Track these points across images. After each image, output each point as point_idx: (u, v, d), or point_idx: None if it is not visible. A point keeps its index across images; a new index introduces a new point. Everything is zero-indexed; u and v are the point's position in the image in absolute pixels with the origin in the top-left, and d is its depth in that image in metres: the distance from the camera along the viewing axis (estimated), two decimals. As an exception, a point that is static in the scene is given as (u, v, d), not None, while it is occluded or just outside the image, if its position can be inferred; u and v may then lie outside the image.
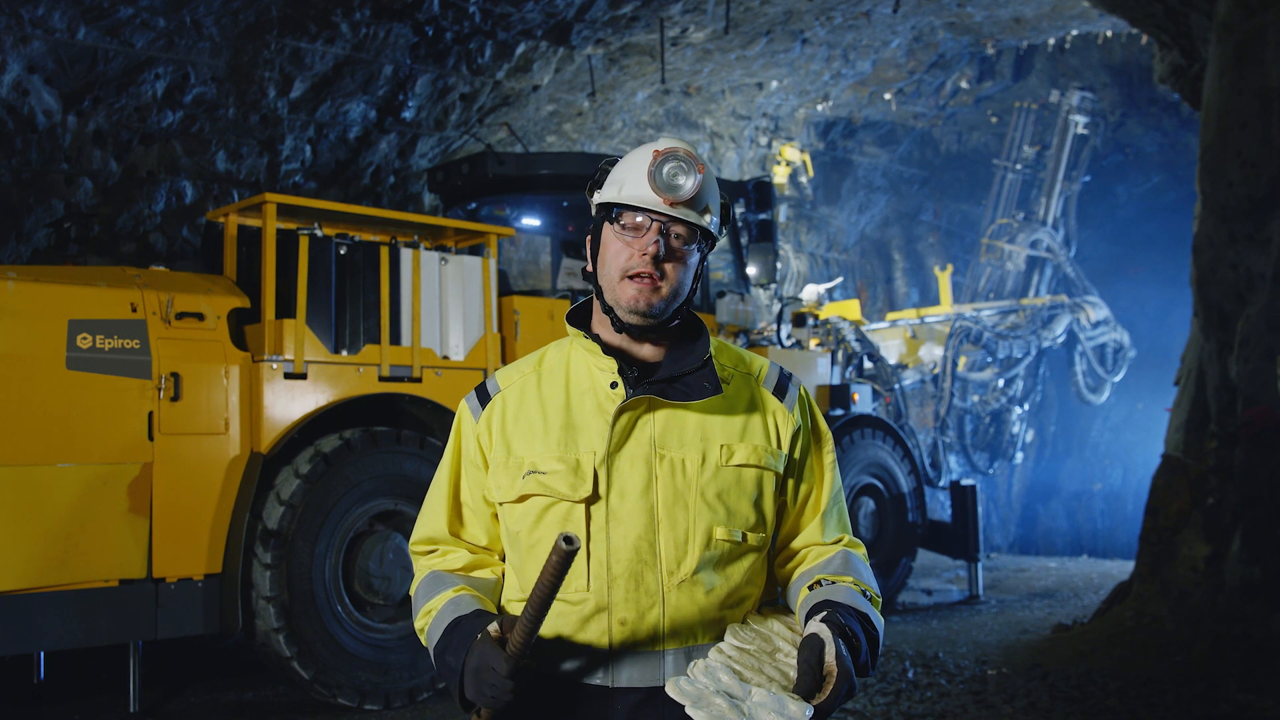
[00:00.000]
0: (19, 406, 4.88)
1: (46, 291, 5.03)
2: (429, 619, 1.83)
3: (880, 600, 1.85)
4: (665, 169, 1.75)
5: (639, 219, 1.78)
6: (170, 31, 7.59)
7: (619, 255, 1.78)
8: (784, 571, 1.91)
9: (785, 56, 12.36)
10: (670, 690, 1.62)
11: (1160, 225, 17.12)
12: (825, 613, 1.69)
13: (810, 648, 1.63)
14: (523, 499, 1.79)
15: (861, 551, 1.91)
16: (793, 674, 1.68)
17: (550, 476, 1.76)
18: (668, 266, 1.77)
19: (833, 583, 1.80)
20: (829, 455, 1.91)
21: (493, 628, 1.68)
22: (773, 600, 1.93)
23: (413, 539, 1.96)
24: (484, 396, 1.89)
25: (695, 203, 1.78)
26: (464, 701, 1.73)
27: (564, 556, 1.56)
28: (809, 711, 1.59)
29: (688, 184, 1.75)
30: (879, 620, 1.79)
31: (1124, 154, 17.29)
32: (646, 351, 1.84)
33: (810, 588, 1.81)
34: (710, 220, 1.82)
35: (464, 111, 10.24)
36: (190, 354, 5.36)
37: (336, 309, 5.88)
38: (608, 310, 1.81)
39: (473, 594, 1.83)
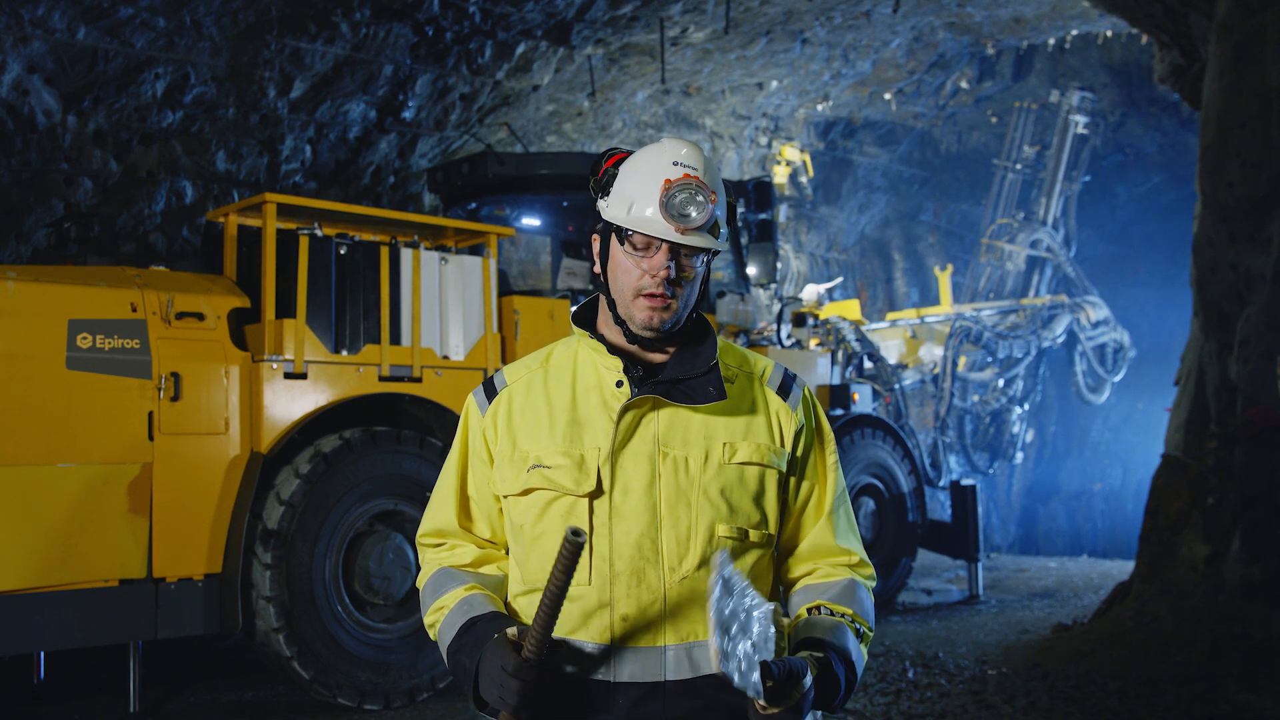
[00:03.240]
0: (19, 406, 4.88)
1: (46, 291, 5.03)
2: (440, 615, 1.85)
3: (872, 635, 1.88)
4: (677, 199, 1.76)
5: (649, 238, 1.80)
6: (170, 31, 7.59)
7: (630, 273, 1.80)
8: (791, 575, 1.93)
9: (785, 56, 12.36)
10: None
11: (1160, 225, 17.11)
12: (821, 655, 1.72)
13: (794, 667, 1.67)
14: (527, 492, 1.82)
15: (868, 574, 1.92)
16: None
17: (555, 471, 1.79)
18: (678, 287, 1.80)
19: (831, 612, 1.82)
20: (831, 455, 1.92)
21: (511, 631, 1.70)
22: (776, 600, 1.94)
23: (420, 531, 1.98)
24: (491, 391, 1.92)
25: (704, 224, 1.79)
26: (479, 701, 1.75)
27: (573, 549, 1.58)
28: (755, 685, 1.59)
29: (700, 215, 1.77)
30: (861, 661, 1.82)
31: (1124, 154, 17.29)
32: (654, 353, 1.87)
33: (810, 610, 1.84)
34: (720, 236, 1.84)
35: (464, 111, 10.24)
36: (190, 354, 5.36)
37: (336, 309, 5.88)
38: (619, 322, 1.84)
39: (484, 593, 1.86)
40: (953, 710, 5.47)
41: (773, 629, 1.62)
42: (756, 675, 1.58)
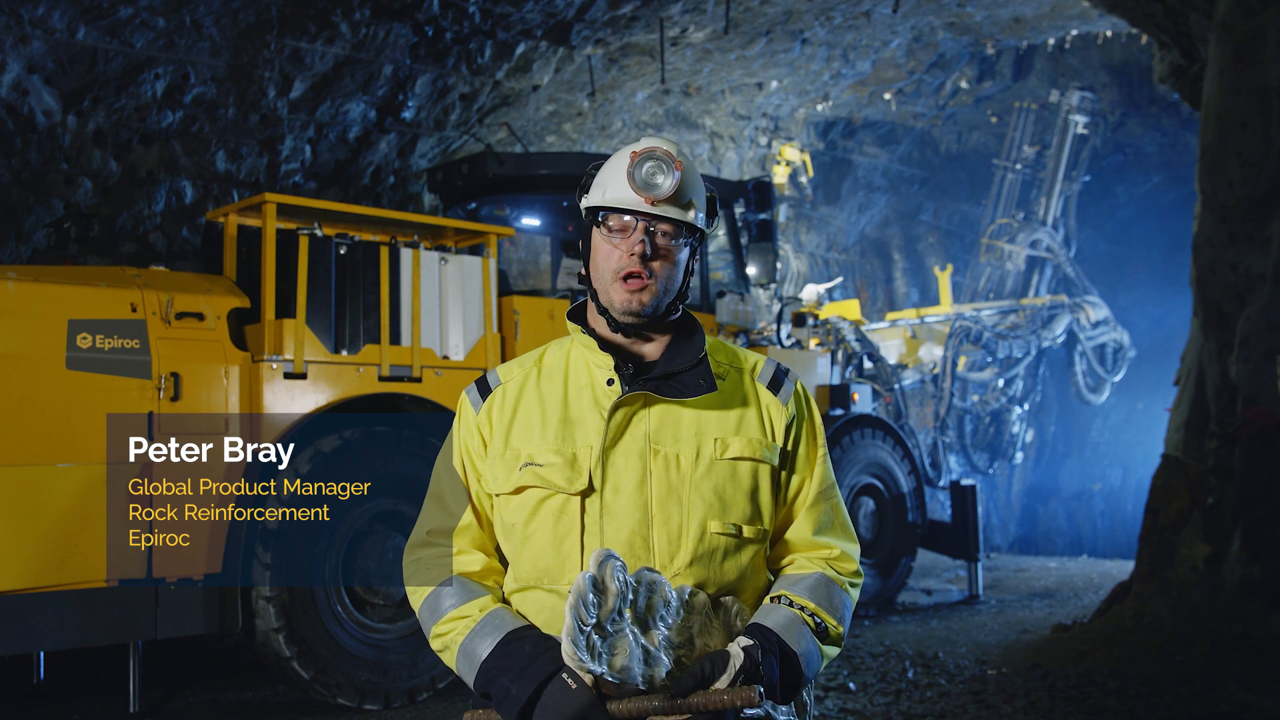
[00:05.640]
0: (19, 406, 4.88)
1: (46, 291, 5.04)
2: (460, 624, 1.81)
3: (841, 630, 1.84)
4: (643, 169, 1.80)
5: (625, 219, 1.82)
6: (170, 31, 7.59)
7: (608, 257, 1.82)
8: (773, 566, 1.92)
9: (785, 56, 12.36)
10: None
11: (1160, 225, 17.11)
12: (751, 642, 1.71)
13: (714, 662, 1.67)
14: (519, 491, 1.81)
15: (848, 569, 1.89)
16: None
17: (547, 469, 1.79)
18: (655, 265, 1.81)
19: (791, 603, 1.81)
20: (821, 448, 1.92)
21: (588, 677, 1.64)
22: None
23: (419, 529, 1.94)
24: (485, 389, 1.91)
25: (677, 198, 1.82)
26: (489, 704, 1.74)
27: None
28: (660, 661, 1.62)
29: (666, 182, 1.80)
30: (815, 655, 1.79)
31: (1124, 154, 17.28)
32: (643, 349, 1.87)
33: (772, 599, 1.83)
34: (695, 215, 1.85)
35: (464, 111, 10.24)
36: (190, 354, 5.36)
37: (336, 309, 5.88)
38: (603, 311, 1.85)
39: (513, 611, 1.82)
40: (953, 710, 5.47)
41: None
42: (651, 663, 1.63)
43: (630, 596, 1.65)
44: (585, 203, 1.87)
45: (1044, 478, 17.90)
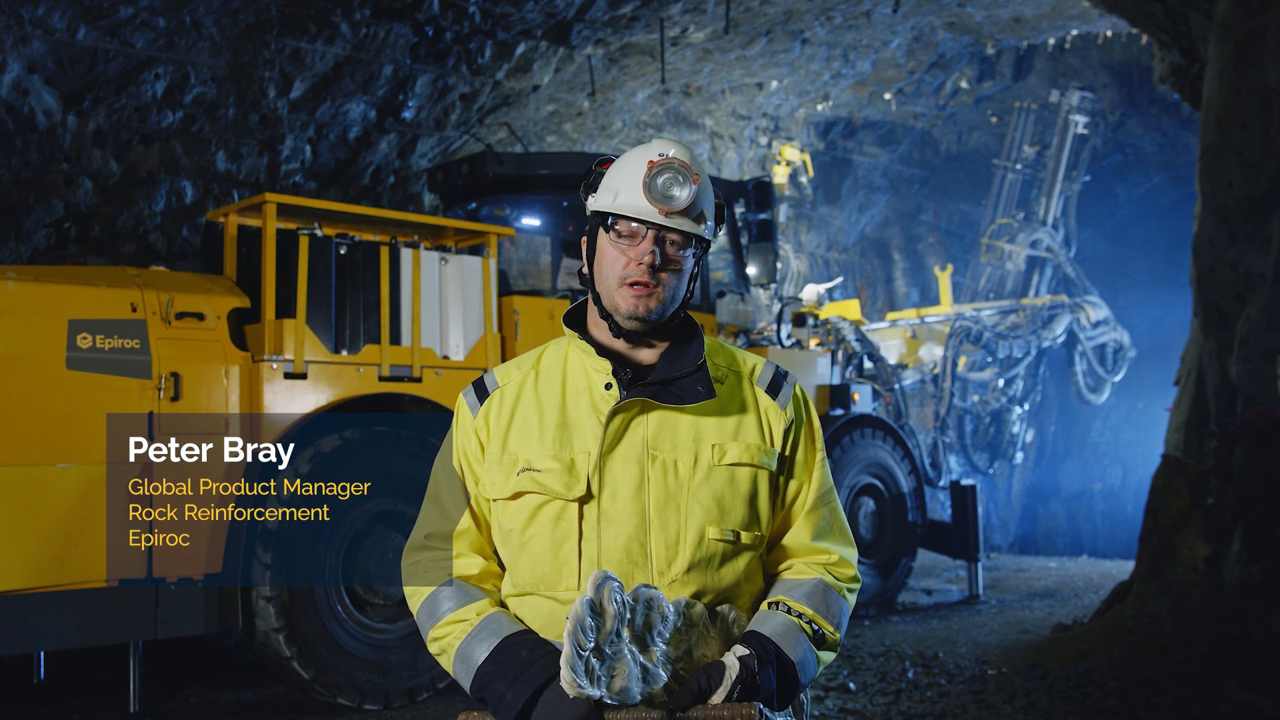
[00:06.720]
0: (19, 406, 4.88)
1: (46, 291, 5.04)
2: (457, 628, 1.81)
3: (838, 636, 1.83)
4: (660, 180, 1.77)
5: (634, 226, 1.79)
6: (170, 31, 7.59)
7: (615, 263, 1.80)
8: (771, 571, 1.91)
9: (785, 56, 12.36)
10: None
11: (1160, 225, 17.11)
12: (748, 651, 1.70)
13: (710, 674, 1.67)
14: (516, 496, 1.80)
15: (846, 575, 1.88)
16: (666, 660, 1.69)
17: (545, 475, 1.77)
18: (664, 275, 1.79)
19: (789, 609, 1.79)
20: (819, 453, 1.90)
21: (585, 695, 1.62)
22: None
23: (417, 532, 1.93)
24: (482, 392, 1.89)
25: (690, 210, 1.79)
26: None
27: None
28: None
29: (683, 195, 1.77)
30: (812, 661, 1.78)
31: (1124, 154, 17.29)
32: (643, 355, 1.85)
33: (769, 605, 1.82)
34: (706, 227, 1.83)
35: (464, 111, 10.24)
36: (190, 354, 5.36)
37: (336, 309, 5.88)
38: (605, 316, 1.82)
39: (510, 615, 1.82)
40: (953, 710, 5.47)
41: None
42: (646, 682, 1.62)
43: (628, 616, 1.63)
44: (594, 205, 1.85)
45: (1044, 478, 17.89)
